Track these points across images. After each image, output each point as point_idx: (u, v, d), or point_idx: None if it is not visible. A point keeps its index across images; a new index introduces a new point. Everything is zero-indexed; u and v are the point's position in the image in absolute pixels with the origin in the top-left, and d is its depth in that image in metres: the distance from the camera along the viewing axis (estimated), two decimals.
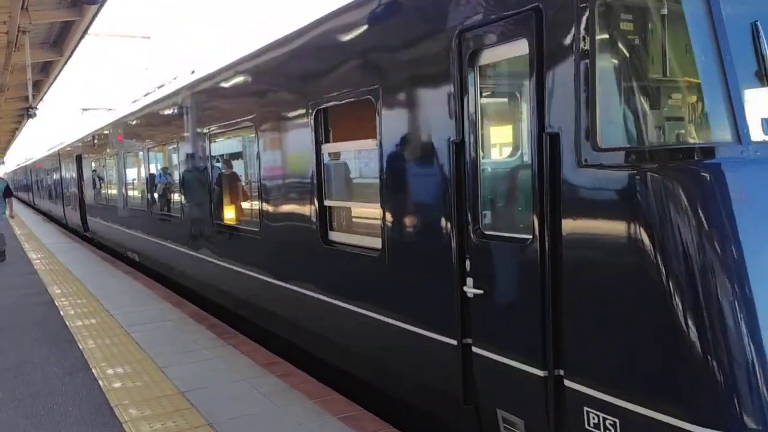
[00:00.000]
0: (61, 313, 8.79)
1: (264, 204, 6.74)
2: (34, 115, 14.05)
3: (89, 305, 9.22)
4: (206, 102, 8.50)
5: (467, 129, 3.85)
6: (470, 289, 3.87)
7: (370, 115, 4.76)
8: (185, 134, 9.26)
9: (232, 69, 7.44)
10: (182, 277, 10.39)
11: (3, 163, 46.59)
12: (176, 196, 10.37)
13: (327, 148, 5.64)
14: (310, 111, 5.60)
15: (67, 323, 8.15)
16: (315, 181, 5.65)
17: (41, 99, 25.76)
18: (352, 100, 5.04)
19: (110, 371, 6.04)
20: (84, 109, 28.11)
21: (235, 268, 7.64)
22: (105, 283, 11.02)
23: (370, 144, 4.93)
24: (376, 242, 4.84)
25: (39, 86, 24.57)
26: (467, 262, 3.91)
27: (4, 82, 19.18)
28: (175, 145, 9.69)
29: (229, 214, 8.30)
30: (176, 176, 10.23)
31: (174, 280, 10.80)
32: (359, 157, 5.77)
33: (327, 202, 5.66)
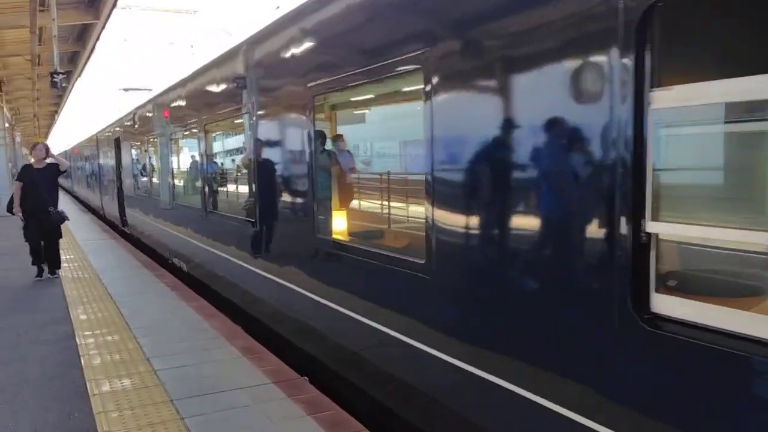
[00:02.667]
0: (82, 362, 5.93)
1: (439, 215, 3.70)
2: (60, 84, 11.33)
3: (123, 347, 6.35)
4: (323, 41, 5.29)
5: None
6: None
7: None
8: (268, 104, 6.28)
9: None
10: (251, 306, 7.48)
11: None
12: (246, 193, 7.46)
13: None
14: None
15: (88, 386, 5.26)
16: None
17: (79, 74, 23.35)
18: None
19: None
20: (125, 89, 25.58)
21: (368, 322, 4.61)
22: (145, 307, 8.16)
23: None
24: None
25: (76, 59, 22.12)
26: None
27: (35, 51, 16.61)
28: (250, 120, 6.70)
29: (349, 227, 5.35)
30: (245, 164, 7.32)
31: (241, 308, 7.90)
32: None
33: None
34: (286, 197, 5.98)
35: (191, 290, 9.20)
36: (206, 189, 8.75)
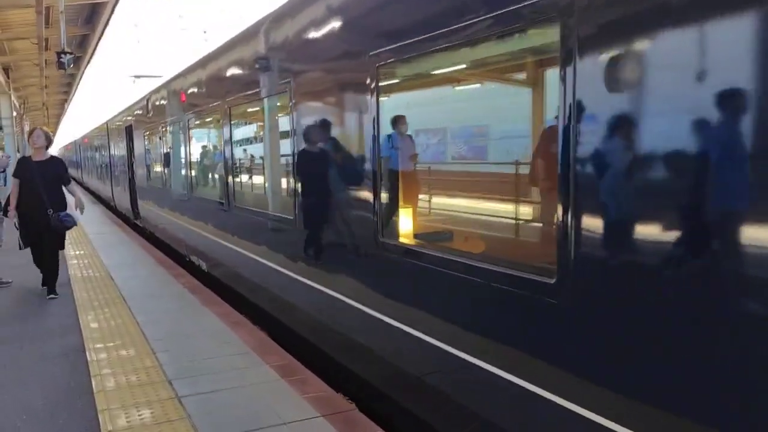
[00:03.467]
0: (93, 384, 5.04)
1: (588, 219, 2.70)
2: (68, 65, 10.40)
3: (140, 365, 5.46)
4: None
5: None
6: None
7: None
8: (314, 81, 5.33)
9: None
10: (286, 314, 6.58)
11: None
12: (282, 186, 6.56)
13: None
14: None
15: (101, 420, 4.37)
16: None
17: (89, 60, 22.48)
18: None
19: None
20: (136, 77, 24.69)
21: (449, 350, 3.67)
22: (163, 313, 7.27)
23: None
24: None
25: (85, 44, 21.23)
26: None
27: (42, 34, 15.70)
28: (290, 101, 5.74)
29: (426, 229, 4.42)
30: (276, 153, 6.40)
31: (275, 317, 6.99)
32: None
33: None
34: (337, 192, 5.03)
35: (213, 293, 8.31)
36: (230, 180, 7.83)
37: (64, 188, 8.28)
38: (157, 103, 12.12)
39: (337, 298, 5.11)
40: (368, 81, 4.22)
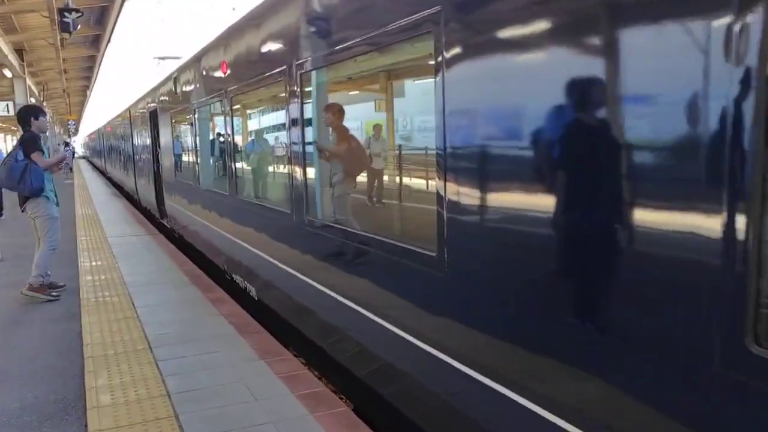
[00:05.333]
0: None
1: None
2: (73, 26, 8.19)
3: None
4: None
5: None
6: None
7: None
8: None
9: None
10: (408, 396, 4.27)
11: (73, 131, 41.91)
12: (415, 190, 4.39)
13: None
14: None
15: None
16: None
17: (109, 39, 20.34)
18: None
19: None
20: (160, 58, 22.51)
21: None
22: (207, 376, 5.02)
23: None
24: None
25: (104, 20, 19.07)
26: None
27: (53, 5, 13.47)
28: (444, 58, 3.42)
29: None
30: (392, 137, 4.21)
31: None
32: None
33: None
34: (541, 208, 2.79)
35: (271, 335, 6.04)
36: (302, 180, 5.47)
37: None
38: (187, 81, 9.85)
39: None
40: None
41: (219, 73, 7.64)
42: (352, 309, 4.53)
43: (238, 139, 7.64)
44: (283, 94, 5.49)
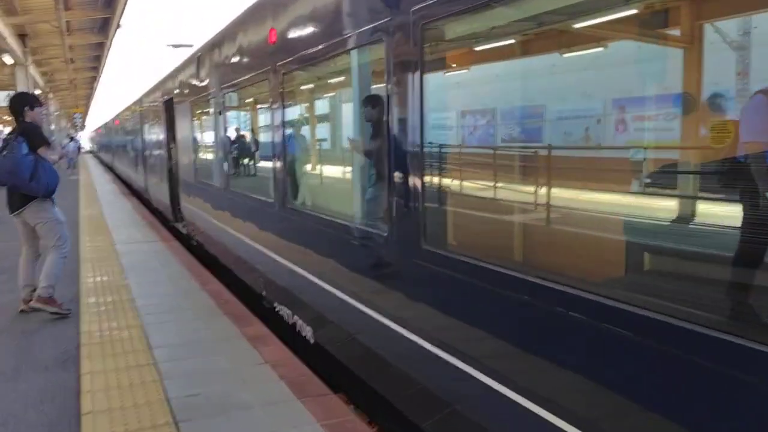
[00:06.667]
0: None
1: None
2: None
3: None
4: None
5: None
6: None
7: None
8: None
9: None
10: None
11: (79, 125, 40.29)
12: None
13: None
14: None
15: None
16: None
17: (119, 22, 18.67)
18: None
19: None
20: (174, 46, 20.85)
21: None
22: None
23: None
24: None
25: (113, 3, 17.40)
26: None
27: None
28: None
29: None
30: None
31: None
32: None
33: None
34: None
35: (346, 404, 4.34)
36: (405, 187, 3.73)
37: None
38: (217, 60, 8.15)
39: None
40: None
41: (263, 45, 5.92)
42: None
43: (292, 132, 5.89)
44: (381, 66, 3.75)
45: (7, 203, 6.36)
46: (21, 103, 6.46)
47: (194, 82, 9.61)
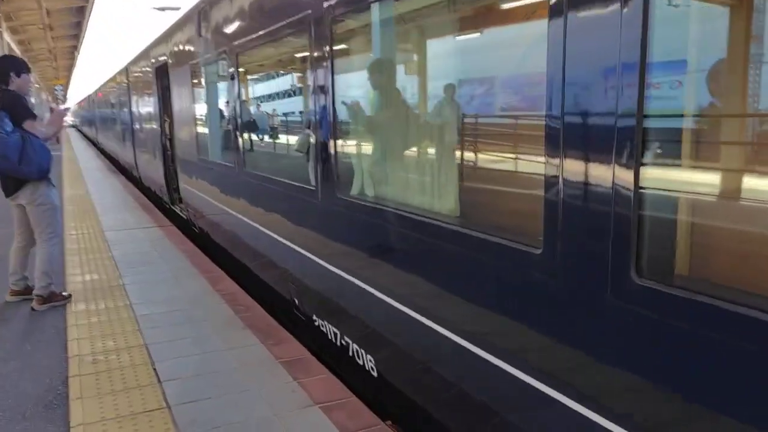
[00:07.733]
0: None
1: None
2: None
3: None
4: None
5: None
6: None
7: None
8: None
9: None
10: None
11: (61, 98, 38.44)
12: None
13: None
14: None
15: None
16: None
17: None
18: None
19: None
20: (160, 8, 19.14)
21: None
22: None
23: None
24: None
25: None
26: None
27: None
28: None
29: None
30: None
31: None
32: None
33: None
34: None
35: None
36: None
37: None
38: (226, 13, 6.71)
39: None
40: None
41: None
42: None
43: (333, 98, 4.47)
44: None
45: (1, 187, 5.70)
46: (7, 67, 5.50)
47: (196, 42, 8.15)
